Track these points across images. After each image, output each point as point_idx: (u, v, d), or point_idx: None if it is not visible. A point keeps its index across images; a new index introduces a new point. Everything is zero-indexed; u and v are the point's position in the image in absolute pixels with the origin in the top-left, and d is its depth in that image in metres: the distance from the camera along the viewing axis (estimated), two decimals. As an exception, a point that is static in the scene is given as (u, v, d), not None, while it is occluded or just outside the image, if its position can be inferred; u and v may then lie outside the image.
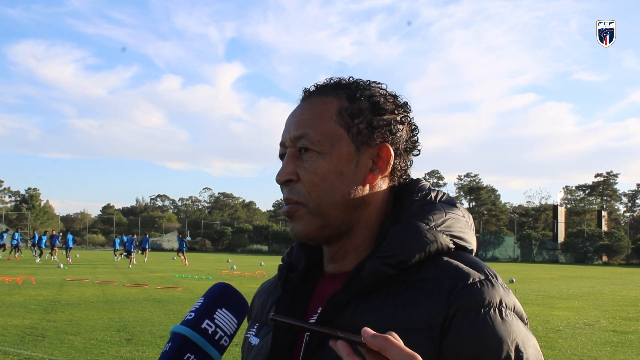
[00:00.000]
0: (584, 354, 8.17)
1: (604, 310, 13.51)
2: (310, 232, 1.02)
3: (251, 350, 1.09)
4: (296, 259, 1.13)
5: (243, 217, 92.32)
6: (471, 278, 0.93)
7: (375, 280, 0.96)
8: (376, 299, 0.96)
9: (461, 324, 0.89)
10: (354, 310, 0.97)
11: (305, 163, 1.01)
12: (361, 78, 1.09)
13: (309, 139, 1.01)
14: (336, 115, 1.02)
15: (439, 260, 0.98)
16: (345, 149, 1.01)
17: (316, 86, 1.08)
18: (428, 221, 1.00)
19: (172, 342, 0.85)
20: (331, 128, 1.02)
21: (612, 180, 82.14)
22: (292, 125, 1.04)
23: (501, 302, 0.92)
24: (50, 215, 75.18)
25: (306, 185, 1.00)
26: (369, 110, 1.04)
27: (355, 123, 1.02)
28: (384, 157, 1.03)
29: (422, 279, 0.96)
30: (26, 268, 24.26)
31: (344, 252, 1.05)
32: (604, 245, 53.80)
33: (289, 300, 1.06)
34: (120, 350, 7.51)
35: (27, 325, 9.29)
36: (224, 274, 23.25)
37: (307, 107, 1.05)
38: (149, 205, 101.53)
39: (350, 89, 1.05)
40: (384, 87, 1.09)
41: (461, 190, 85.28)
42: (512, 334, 0.89)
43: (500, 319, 0.90)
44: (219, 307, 0.88)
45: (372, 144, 1.03)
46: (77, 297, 13.54)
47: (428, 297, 0.93)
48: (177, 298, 13.93)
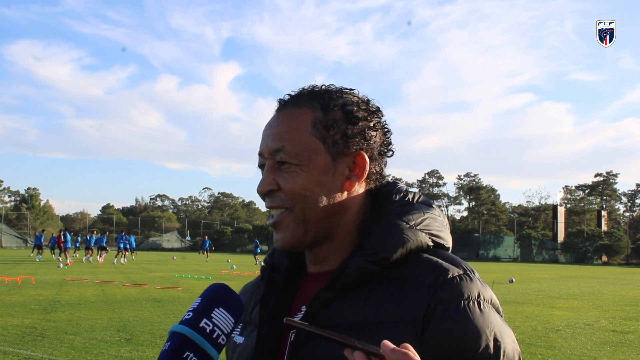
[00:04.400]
0: (584, 354, 8.17)
1: (604, 310, 13.52)
2: (295, 240, 1.06)
3: (236, 348, 1.12)
4: (279, 260, 1.16)
5: (243, 217, 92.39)
6: (450, 273, 0.99)
7: (359, 277, 1.01)
8: (360, 295, 1.01)
9: (442, 315, 0.95)
10: (338, 307, 1.01)
11: (285, 174, 1.05)
12: (333, 84, 1.11)
13: (286, 153, 1.04)
14: (311, 128, 1.05)
15: (419, 257, 1.03)
16: (322, 160, 1.05)
17: (290, 96, 1.10)
18: (408, 220, 1.05)
19: (171, 341, 0.87)
20: (307, 140, 1.05)
21: (612, 180, 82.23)
22: (269, 137, 1.07)
23: (479, 295, 0.98)
24: (50, 215, 75.04)
25: (287, 193, 1.04)
26: (343, 119, 1.06)
27: (330, 134, 1.05)
28: (359, 164, 1.07)
29: (404, 274, 1.01)
30: (26, 268, 24.27)
31: (326, 254, 1.09)
32: (604, 245, 53.87)
33: (273, 299, 1.10)
34: (120, 350, 7.51)
35: (27, 325, 9.29)
36: (224, 274, 23.26)
37: (283, 119, 1.07)
38: (148, 205, 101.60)
39: (324, 98, 1.08)
40: (357, 93, 1.12)
41: (461, 190, 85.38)
42: (490, 325, 0.96)
43: (479, 311, 0.97)
44: (216, 307, 0.90)
45: (347, 152, 1.06)
46: (77, 297, 13.54)
47: (411, 292, 0.99)
48: (177, 298, 13.94)
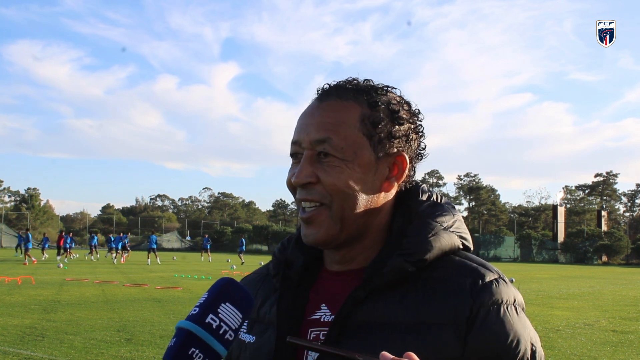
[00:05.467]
0: (584, 354, 8.17)
1: (604, 310, 13.51)
2: (329, 237, 1.02)
3: (245, 348, 1.08)
4: (292, 257, 1.11)
5: (243, 217, 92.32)
6: (487, 277, 0.99)
7: (395, 277, 0.99)
8: (393, 296, 0.99)
9: (485, 319, 0.95)
10: (371, 306, 0.98)
11: (327, 167, 1.01)
12: (372, 80, 1.08)
13: (332, 145, 1.00)
14: (359, 123, 1.02)
15: (450, 259, 1.02)
16: (367, 157, 1.02)
17: (335, 87, 1.06)
18: (441, 222, 1.04)
19: (177, 337, 0.84)
20: (355, 136, 1.01)
21: (612, 180, 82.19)
22: (311, 126, 1.02)
23: (515, 300, 1.00)
24: (50, 215, 74.92)
25: (328, 188, 1.00)
26: (389, 118, 1.04)
27: (377, 132, 1.02)
28: (399, 165, 1.05)
29: (438, 276, 1.00)
30: (26, 268, 24.25)
31: (354, 254, 1.06)
32: (604, 245, 53.82)
33: (290, 298, 1.07)
34: (120, 350, 7.51)
35: (27, 325, 9.28)
36: (224, 274, 23.20)
37: (328, 110, 1.03)
38: (148, 205, 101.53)
39: (370, 94, 1.04)
40: (398, 92, 1.09)
41: (461, 190, 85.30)
42: (527, 329, 0.98)
43: (517, 316, 0.98)
44: (223, 302, 0.88)
45: (390, 152, 1.04)
46: (77, 297, 13.53)
47: (450, 294, 0.98)
48: (177, 298, 13.93)
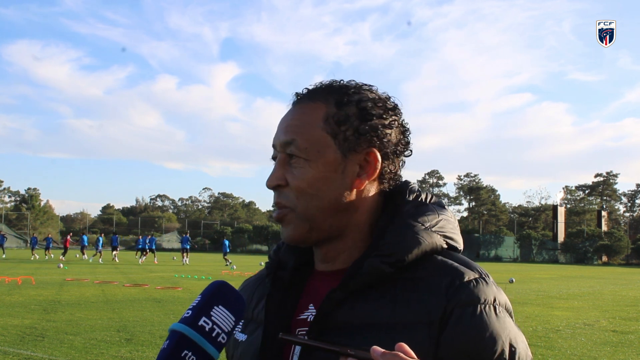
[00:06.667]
0: (584, 354, 8.18)
1: (604, 310, 13.52)
2: (299, 235, 1.05)
3: (238, 346, 1.11)
4: (285, 258, 1.14)
5: (243, 217, 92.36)
6: (467, 276, 0.98)
7: (373, 278, 0.99)
8: (372, 296, 0.99)
9: (459, 319, 0.94)
10: (350, 307, 0.99)
11: (294, 169, 1.04)
12: (354, 80, 1.09)
13: (297, 146, 1.03)
14: (323, 122, 1.04)
15: (434, 259, 1.02)
16: (331, 156, 1.03)
17: (309, 90, 1.09)
18: (423, 222, 1.04)
19: (170, 339, 0.86)
20: (318, 135, 1.03)
21: (612, 180, 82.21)
22: (281, 130, 1.06)
23: (495, 300, 0.98)
24: (50, 215, 74.91)
25: (294, 190, 1.03)
26: (356, 116, 1.04)
27: (341, 130, 1.03)
28: (371, 162, 1.05)
29: (418, 277, 0.99)
30: (26, 268, 24.26)
31: (336, 253, 1.07)
32: (604, 245, 53.81)
33: (279, 297, 1.09)
34: (120, 350, 7.51)
35: (27, 325, 9.29)
36: (224, 274, 23.23)
37: (297, 113, 1.07)
38: (148, 205, 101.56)
39: (339, 93, 1.06)
40: (375, 89, 1.09)
41: (461, 190, 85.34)
42: (505, 330, 0.96)
43: (495, 316, 0.96)
44: (216, 305, 0.89)
45: (359, 149, 1.04)
46: (77, 297, 13.55)
47: (427, 294, 0.97)
48: (177, 298, 13.94)
